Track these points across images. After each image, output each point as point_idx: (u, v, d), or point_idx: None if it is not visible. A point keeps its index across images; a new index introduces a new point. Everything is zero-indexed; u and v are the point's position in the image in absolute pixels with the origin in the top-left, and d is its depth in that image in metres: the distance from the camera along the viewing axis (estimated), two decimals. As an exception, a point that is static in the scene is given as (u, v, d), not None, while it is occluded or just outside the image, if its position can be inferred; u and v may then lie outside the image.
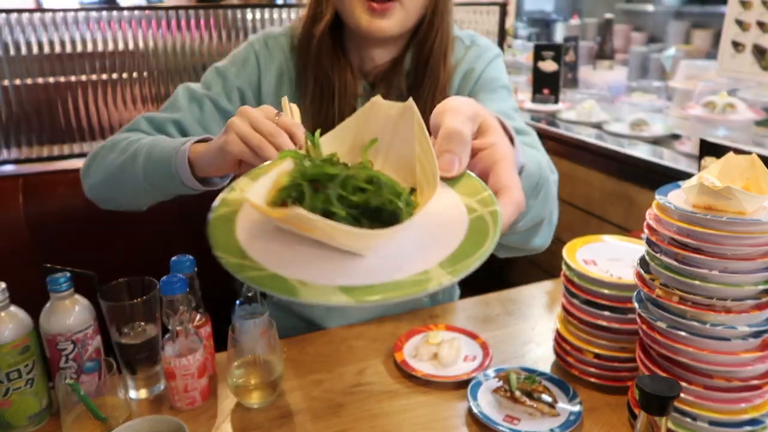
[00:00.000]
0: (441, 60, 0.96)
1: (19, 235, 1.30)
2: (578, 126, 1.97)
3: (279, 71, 1.03)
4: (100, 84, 1.40)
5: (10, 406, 0.83)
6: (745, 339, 0.74)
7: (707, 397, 0.76)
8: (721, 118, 1.57)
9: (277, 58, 1.03)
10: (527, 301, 1.24)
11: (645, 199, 1.49)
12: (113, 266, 1.04)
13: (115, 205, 1.00)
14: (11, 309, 0.82)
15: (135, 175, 0.87)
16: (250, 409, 0.89)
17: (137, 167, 0.87)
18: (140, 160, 0.87)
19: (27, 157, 1.39)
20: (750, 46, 1.45)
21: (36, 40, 1.32)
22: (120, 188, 0.93)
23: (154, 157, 0.85)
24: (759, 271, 0.73)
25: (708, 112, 1.59)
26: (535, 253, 0.91)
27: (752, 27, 1.44)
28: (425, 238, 0.40)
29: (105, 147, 0.95)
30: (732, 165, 0.76)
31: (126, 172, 0.89)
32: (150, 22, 1.41)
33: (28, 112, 1.36)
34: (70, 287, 0.86)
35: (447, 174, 0.45)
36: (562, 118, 2.00)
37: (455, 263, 0.37)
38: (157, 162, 0.85)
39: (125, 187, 0.91)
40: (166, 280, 0.85)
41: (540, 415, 0.86)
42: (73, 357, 0.87)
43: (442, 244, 0.39)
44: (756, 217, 0.71)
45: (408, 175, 0.45)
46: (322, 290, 0.35)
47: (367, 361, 1.01)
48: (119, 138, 0.94)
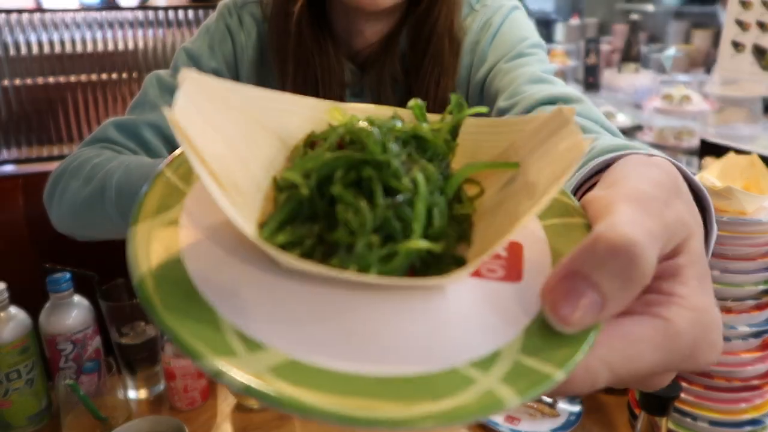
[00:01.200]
0: (445, 35, 0.79)
1: (19, 235, 1.29)
2: None
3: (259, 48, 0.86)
4: (100, 84, 1.40)
5: (10, 406, 0.83)
6: (745, 339, 0.74)
7: (707, 397, 0.76)
8: (678, 109, 1.66)
9: (253, 33, 0.85)
10: (527, 301, 1.24)
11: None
12: (113, 266, 1.03)
13: (92, 239, 0.83)
14: (11, 309, 0.82)
15: (106, 213, 0.70)
16: (250, 409, 0.89)
17: (107, 204, 0.69)
18: (110, 196, 0.69)
19: (27, 157, 1.39)
20: (750, 46, 1.45)
21: (36, 40, 1.32)
22: (91, 225, 0.76)
23: (126, 191, 0.67)
24: (759, 271, 0.73)
25: (666, 104, 1.68)
26: None
27: (752, 27, 1.44)
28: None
29: (67, 171, 0.76)
30: (732, 165, 0.76)
31: (95, 209, 0.72)
32: (150, 23, 1.41)
33: (28, 112, 1.36)
34: (70, 287, 0.86)
35: (563, 325, 0.23)
36: None
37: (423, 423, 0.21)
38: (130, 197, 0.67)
39: (96, 224, 0.75)
40: (166, 280, 0.85)
41: (540, 415, 0.86)
42: (73, 357, 0.87)
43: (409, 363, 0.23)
44: (756, 217, 0.71)
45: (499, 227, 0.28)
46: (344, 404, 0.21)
47: (367, 361, 1.01)
48: (83, 158, 0.76)
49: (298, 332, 0.23)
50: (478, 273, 0.27)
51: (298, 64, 0.80)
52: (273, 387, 0.20)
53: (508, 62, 0.77)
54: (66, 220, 0.79)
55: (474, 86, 0.82)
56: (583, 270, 0.23)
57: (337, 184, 0.26)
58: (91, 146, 0.79)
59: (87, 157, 0.75)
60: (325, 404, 0.20)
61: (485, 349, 0.23)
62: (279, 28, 0.81)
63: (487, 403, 0.21)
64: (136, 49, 1.40)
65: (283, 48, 0.80)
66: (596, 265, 0.23)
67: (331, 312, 0.24)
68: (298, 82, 0.81)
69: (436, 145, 0.30)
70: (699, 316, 0.25)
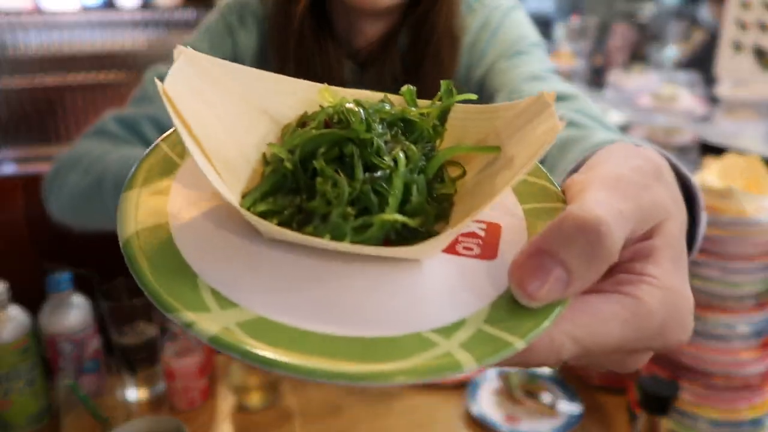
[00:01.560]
0: (445, 34, 0.79)
1: (19, 235, 1.30)
2: None
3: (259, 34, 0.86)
4: (100, 84, 1.40)
5: (10, 406, 0.83)
6: (745, 339, 0.74)
7: (707, 397, 0.76)
8: (667, 107, 1.71)
9: (254, 31, 0.86)
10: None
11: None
12: (113, 266, 1.03)
13: (89, 229, 0.84)
14: (11, 309, 0.82)
15: (103, 204, 0.72)
16: (250, 409, 0.89)
17: (105, 195, 0.71)
18: (108, 188, 0.71)
19: (27, 157, 1.39)
20: (750, 46, 1.45)
21: (36, 41, 1.32)
22: (89, 216, 0.79)
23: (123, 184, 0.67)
24: (759, 271, 0.73)
25: (656, 103, 1.74)
26: None
27: (752, 27, 1.44)
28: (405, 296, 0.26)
29: (67, 163, 0.79)
30: (732, 165, 0.76)
31: (93, 200, 0.74)
32: (150, 23, 1.41)
33: (28, 112, 1.36)
34: (70, 287, 0.86)
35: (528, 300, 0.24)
36: None
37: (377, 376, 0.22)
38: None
39: (94, 215, 0.77)
40: (166, 280, 0.85)
41: (540, 416, 0.86)
42: (73, 357, 0.87)
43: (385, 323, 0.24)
44: (756, 217, 0.71)
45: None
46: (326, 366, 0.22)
47: (367, 361, 1.01)
48: (82, 150, 0.78)
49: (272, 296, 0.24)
50: (454, 251, 0.28)
51: (299, 62, 0.80)
52: (238, 339, 0.22)
53: (507, 61, 0.77)
54: (65, 210, 0.81)
55: (473, 85, 0.82)
56: (551, 248, 0.24)
57: (319, 159, 0.27)
58: (90, 139, 0.80)
59: (86, 149, 0.77)
60: (287, 358, 0.21)
61: (450, 318, 0.24)
62: (280, 27, 0.81)
63: (444, 364, 0.22)
64: (136, 50, 1.41)
65: (283, 46, 0.80)
66: (563, 242, 0.24)
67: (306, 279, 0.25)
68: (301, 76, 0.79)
69: (422, 129, 0.31)
70: (670, 296, 0.26)
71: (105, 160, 0.72)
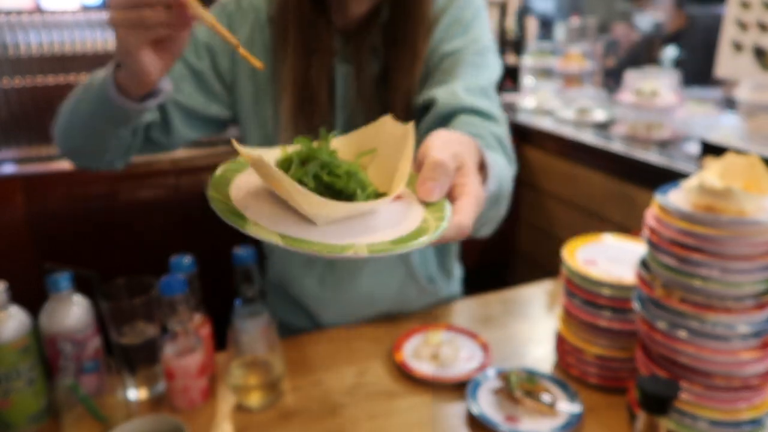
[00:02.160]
0: (419, 11, 0.93)
1: (19, 235, 1.30)
2: (534, 113, 2.14)
3: (252, 29, 1.01)
4: (100, 84, 1.40)
5: (10, 406, 0.83)
6: (745, 339, 0.74)
7: (707, 397, 0.76)
8: (648, 103, 1.80)
9: (249, 17, 1.01)
10: (527, 301, 1.24)
11: (645, 199, 1.49)
12: (113, 266, 1.04)
13: (84, 160, 1.01)
14: (11, 309, 0.82)
15: (80, 110, 0.89)
16: (250, 409, 0.89)
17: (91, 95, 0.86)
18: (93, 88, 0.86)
19: (27, 157, 1.39)
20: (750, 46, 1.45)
21: (36, 41, 1.32)
22: (77, 131, 0.93)
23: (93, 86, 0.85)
24: (759, 271, 0.73)
25: (637, 99, 1.83)
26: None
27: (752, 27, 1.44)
28: (371, 226, 0.49)
29: (67, 98, 0.96)
30: (732, 165, 0.76)
31: (78, 108, 0.90)
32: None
33: (28, 112, 1.36)
34: (70, 287, 0.86)
35: (428, 199, 0.51)
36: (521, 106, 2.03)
37: (378, 247, 0.45)
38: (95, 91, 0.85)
39: (80, 127, 0.91)
40: (166, 280, 0.85)
41: (540, 416, 0.86)
42: (73, 357, 0.87)
43: (379, 235, 0.47)
44: (756, 217, 0.71)
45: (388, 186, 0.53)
46: (266, 231, 0.44)
47: (367, 361, 1.02)
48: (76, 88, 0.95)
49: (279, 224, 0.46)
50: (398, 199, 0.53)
51: (296, 33, 0.95)
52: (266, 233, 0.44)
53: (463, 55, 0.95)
54: (61, 134, 0.96)
55: (432, 58, 0.97)
56: (429, 175, 0.51)
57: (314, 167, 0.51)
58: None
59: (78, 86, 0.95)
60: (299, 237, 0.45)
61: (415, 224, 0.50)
62: (281, 4, 0.97)
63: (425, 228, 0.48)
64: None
65: (282, 19, 0.97)
66: (433, 172, 0.51)
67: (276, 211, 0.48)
68: (297, 48, 0.95)
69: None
70: (478, 189, 0.54)
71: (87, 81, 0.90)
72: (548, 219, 1.87)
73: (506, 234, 1.98)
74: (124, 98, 0.82)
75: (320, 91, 0.95)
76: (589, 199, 1.71)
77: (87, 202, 1.31)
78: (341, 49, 0.97)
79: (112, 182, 1.36)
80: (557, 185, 1.82)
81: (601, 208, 1.67)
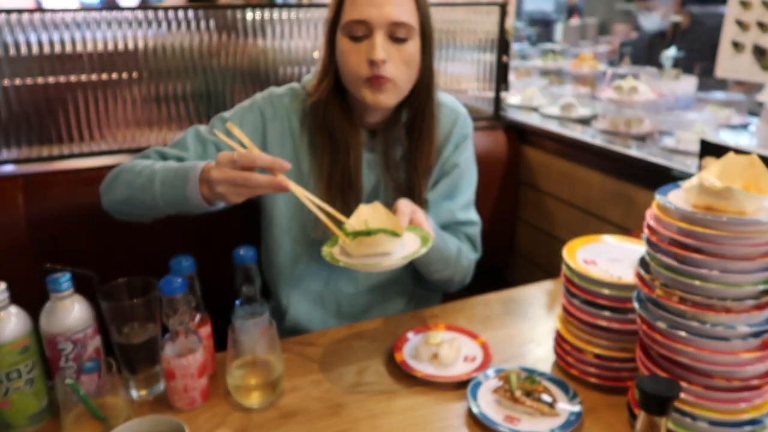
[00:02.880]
0: (432, 115, 1.17)
1: (19, 235, 1.30)
2: (521, 110, 2.17)
3: (282, 127, 1.18)
4: (100, 84, 1.40)
5: (10, 406, 0.83)
6: (745, 339, 0.74)
7: (707, 397, 0.76)
8: (627, 99, 1.90)
9: (280, 115, 1.18)
10: (527, 301, 1.24)
11: (645, 199, 1.49)
12: (113, 266, 1.03)
13: (128, 218, 1.12)
14: (11, 309, 0.82)
15: (153, 195, 1.02)
16: (250, 409, 0.89)
17: (156, 189, 1.01)
18: (156, 184, 1.01)
19: (27, 157, 1.39)
20: (750, 46, 1.45)
21: (36, 40, 1.32)
22: (138, 206, 1.06)
23: (168, 182, 1.00)
24: (759, 271, 0.73)
25: (617, 95, 1.93)
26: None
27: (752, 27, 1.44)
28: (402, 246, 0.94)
29: (124, 169, 1.09)
30: (732, 165, 0.76)
31: (145, 192, 1.03)
32: (150, 23, 1.40)
33: (28, 112, 1.35)
34: (70, 287, 0.86)
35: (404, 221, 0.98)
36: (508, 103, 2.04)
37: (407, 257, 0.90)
38: (170, 187, 1.00)
39: (144, 204, 1.04)
40: (166, 280, 0.85)
41: (540, 415, 0.86)
42: (73, 357, 0.87)
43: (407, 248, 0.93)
44: (756, 217, 0.71)
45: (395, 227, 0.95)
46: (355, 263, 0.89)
47: (367, 361, 1.02)
48: (134, 163, 1.09)
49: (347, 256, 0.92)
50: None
51: (328, 130, 1.15)
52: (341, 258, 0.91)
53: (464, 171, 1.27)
54: (118, 203, 1.09)
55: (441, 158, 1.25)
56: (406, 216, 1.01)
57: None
58: (139, 158, 1.12)
59: (137, 162, 1.09)
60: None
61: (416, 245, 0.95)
62: (315, 107, 1.15)
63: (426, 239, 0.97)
64: (136, 49, 1.40)
65: (315, 118, 1.16)
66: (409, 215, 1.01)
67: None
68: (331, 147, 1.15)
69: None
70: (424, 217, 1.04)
71: (153, 167, 1.04)
72: (548, 219, 1.87)
73: (506, 234, 1.98)
74: (204, 202, 0.97)
75: (353, 177, 1.15)
76: (588, 199, 1.71)
77: (87, 202, 1.31)
78: (368, 142, 1.18)
79: (112, 182, 1.36)
80: (557, 185, 1.81)
81: (600, 207, 1.67)
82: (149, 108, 1.46)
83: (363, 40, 1.06)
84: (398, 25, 1.05)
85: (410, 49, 1.08)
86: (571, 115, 2.08)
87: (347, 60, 1.08)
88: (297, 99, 1.19)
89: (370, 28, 1.05)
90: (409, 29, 1.07)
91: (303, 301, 1.24)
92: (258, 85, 1.53)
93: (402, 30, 1.06)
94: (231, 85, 1.52)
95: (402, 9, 1.06)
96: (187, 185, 0.97)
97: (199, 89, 1.49)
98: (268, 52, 1.53)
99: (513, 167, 1.89)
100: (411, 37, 1.08)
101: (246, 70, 1.52)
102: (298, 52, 1.56)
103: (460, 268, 1.22)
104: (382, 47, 1.05)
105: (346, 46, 1.07)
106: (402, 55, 1.07)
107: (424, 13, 1.10)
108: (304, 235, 1.20)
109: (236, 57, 1.50)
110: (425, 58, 1.12)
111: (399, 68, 1.07)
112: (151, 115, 1.47)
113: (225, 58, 1.49)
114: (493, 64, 1.87)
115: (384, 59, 1.05)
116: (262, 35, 1.51)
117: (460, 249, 1.22)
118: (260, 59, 1.53)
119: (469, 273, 1.27)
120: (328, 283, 1.24)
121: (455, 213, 1.24)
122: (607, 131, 1.83)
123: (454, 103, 1.29)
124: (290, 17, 1.53)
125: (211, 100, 1.51)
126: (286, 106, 1.18)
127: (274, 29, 1.52)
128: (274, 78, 1.55)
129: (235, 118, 1.16)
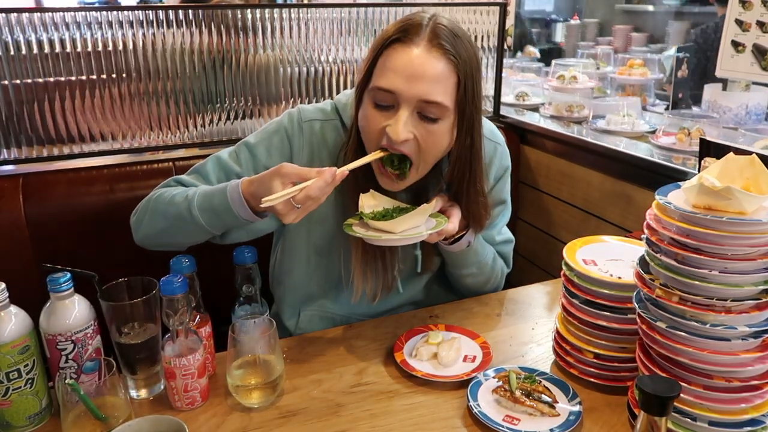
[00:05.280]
0: (477, 158, 1.05)
1: (19, 235, 1.29)
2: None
3: (310, 154, 1.10)
4: (100, 84, 1.40)
5: (10, 406, 0.83)
6: (745, 339, 0.74)
7: (707, 397, 0.76)
8: (568, 87, 2.20)
9: (308, 141, 1.10)
10: (527, 301, 1.24)
11: (644, 199, 1.49)
12: (113, 266, 1.03)
13: (164, 248, 1.09)
14: (11, 309, 0.82)
15: (194, 222, 1.00)
16: (250, 409, 0.89)
17: (194, 216, 0.99)
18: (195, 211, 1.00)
19: (27, 157, 1.39)
20: (750, 46, 1.45)
21: (36, 40, 1.32)
22: (177, 234, 1.05)
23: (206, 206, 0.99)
24: (759, 271, 0.73)
25: (559, 83, 2.25)
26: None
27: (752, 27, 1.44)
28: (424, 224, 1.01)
29: (151, 200, 1.06)
30: (732, 165, 0.76)
31: (184, 220, 1.01)
32: (150, 22, 1.40)
33: (28, 112, 1.35)
34: (70, 287, 0.86)
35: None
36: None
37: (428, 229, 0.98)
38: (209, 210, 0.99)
39: (184, 232, 1.04)
40: (166, 280, 0.85)
41: (540, 415, 0.86)
42: (73, 357, 0.87)
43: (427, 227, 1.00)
44: (756, 217, 0.71)
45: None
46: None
47: (367, 361, 1.02)
48: (159, 193, 1.07)
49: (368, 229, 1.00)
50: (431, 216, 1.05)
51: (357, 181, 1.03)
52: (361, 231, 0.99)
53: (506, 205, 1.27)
54: (154, 235, 1.07)
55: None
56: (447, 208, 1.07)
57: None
58: (161, 189, 1.09)
59: (162, 191, 1.07)
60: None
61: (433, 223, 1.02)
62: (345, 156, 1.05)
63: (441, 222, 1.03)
64: (136, 49, 1.40)
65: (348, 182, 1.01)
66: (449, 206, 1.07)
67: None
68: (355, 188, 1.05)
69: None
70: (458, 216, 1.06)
71: (186, 193, 1.02)
72: (548, 219, 1.87)
73: (506, 234, 1.99)
74: (251, 212, 0.95)
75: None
76: (588, 199, 1.71)
77: (87, 202, 1.31)
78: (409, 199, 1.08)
79: (112, 182, 1.36)
80: (556, 185, 1.81)
81: (600, 208, 1.67)
82: (149, 108, 1.46)
83: (388, 110, 0.96)
84: (429, 103, 0.93)
85: (441, 129, 0.96)
86: (525, 103, 2.28)
87: (367, 125, 0.98)
88: (328, 126, 1.11)
89: (397, 100, 0.94)
90: (442, 110, 0.94)
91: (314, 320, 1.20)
92: (258, 85, 1.54)
93: (433, 109, 0.94)
94: (231, 84, 1.52)
95: (437, 88, 0.93)
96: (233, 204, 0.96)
97: (200, 89, 1.49)
98: (268, 52, 1.53)
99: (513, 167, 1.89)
100: (444, 117, 0.96)
101: (246, 70, 1.52)
102: (299, 52, 1.56)
103: (493, 276, 1.24)
104: (405, 126, 0.94)
105: (369, 111, 0.97)
106: (429, 135, 0.96)
107: (464, 93, 0.96)
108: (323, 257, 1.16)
109: (236, 57, 1.50)
110: (462, 137, 1.00)
111: (422, 147, 0.97)
112: (151, 115, 1.47)
113: (225, 58, 1.49)
114: (492, 64, 1.87)
115: (405, 140, 0.94)
116: (262, 35, 1.52)
117: (495, 257, 1.23)
118: (260, 59, 1.53)
119: (500, 285, 1.28)
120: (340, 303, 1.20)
121: (495, 237, 1.25)
122: (553, 116, 2.05)
123: (492, 131, 1.20)
124: (290, 17, 1.53)
125: (212, 99, 1.51)
126: (316, 134, 1.10)
127: (273, 29, 1.52)
128: (274, 78, 1.55)
129: (261, 145, 1.10)
